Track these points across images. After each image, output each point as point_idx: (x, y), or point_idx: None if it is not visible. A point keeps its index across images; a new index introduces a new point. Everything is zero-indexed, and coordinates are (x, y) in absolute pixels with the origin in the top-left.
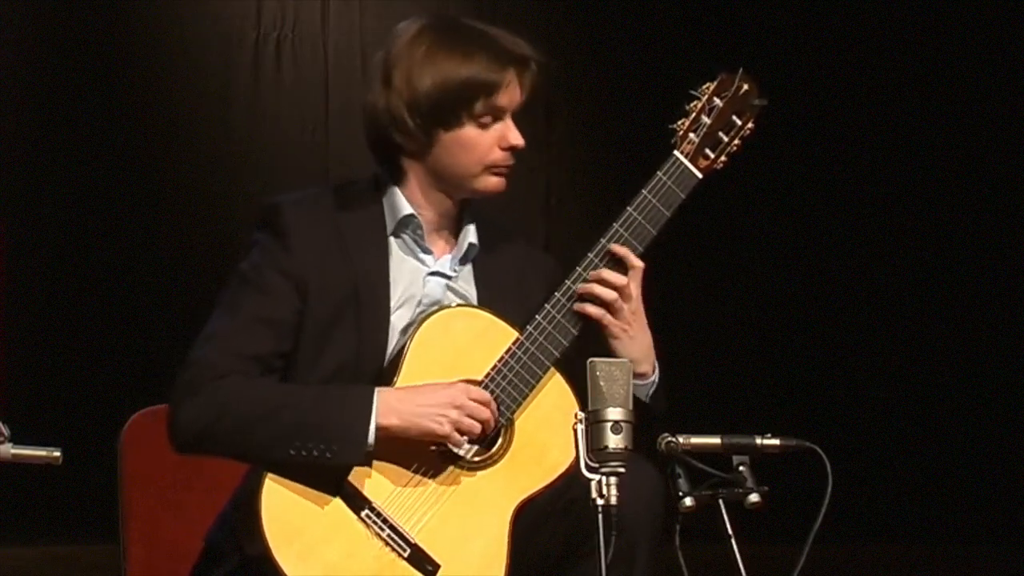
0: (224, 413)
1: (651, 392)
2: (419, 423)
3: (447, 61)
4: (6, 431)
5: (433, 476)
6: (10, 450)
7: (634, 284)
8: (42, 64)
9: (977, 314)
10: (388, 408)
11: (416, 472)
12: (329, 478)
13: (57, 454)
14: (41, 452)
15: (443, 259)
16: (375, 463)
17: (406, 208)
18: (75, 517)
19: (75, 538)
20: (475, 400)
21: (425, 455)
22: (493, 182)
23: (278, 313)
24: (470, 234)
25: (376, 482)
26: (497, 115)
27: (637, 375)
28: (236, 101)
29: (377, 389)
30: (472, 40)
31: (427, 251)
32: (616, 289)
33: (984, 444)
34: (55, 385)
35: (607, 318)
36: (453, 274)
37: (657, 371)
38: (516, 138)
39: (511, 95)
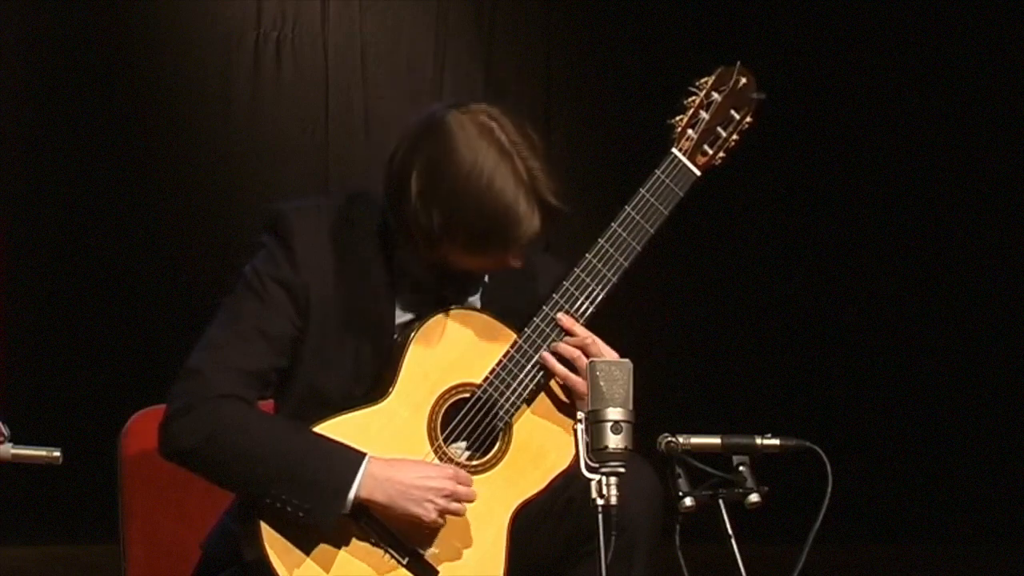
0: (213, 441)
1: None
2: (404, 505)
3: (488, 204)
4: (6, 431)
5: None
6: (10, 450)
7: (595, 346)
8: (42, 64)
9: (977, 314)
10: (374, 483)
11: None
12: None
13: (57, 454)
14: (41, 452)
15: (449, 287)
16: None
17: (408, 250)
18: (75, 517)
19: (75, 538)
20: (464, 483)
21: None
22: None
23: (277, 327)
24: (482, 278)
25: None
26: (505, 252)
27: None
28: (236, 101)
29: (368, 458)
30: (516, 183)
31: (430, 281)
32: (580, 348)
33: (984, 444)
34: (55, 385)
35: (571, 378)
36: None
37: None
38: (516, 263)
39: (527, 238)
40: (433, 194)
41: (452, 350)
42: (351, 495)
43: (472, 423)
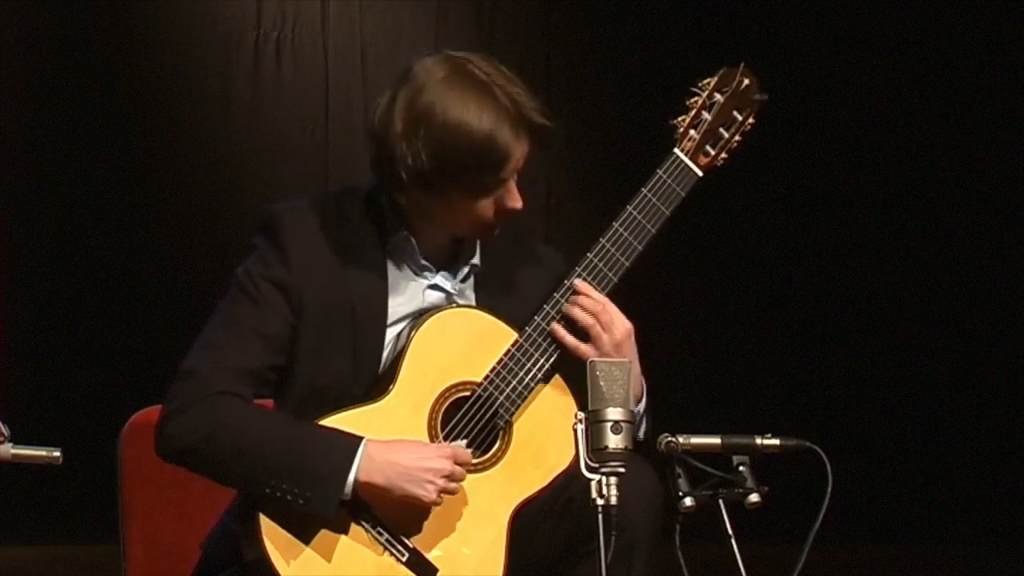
0: (210, 438)
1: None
2: (404, 486)
3: (463, 126)
4: (6, 431)
5: None
6: (10, 450)
7: (615, 316)
8: (42, 64)
9: (977, 314)
10: (372, 465)
11: None
12: None
13: (57, 454)
14: (41, 452)
15: (443, 274)
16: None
17: (402, 230)
18: (75, 517)
19: (75, 538)
20: (462, 463)
21: None
22: (483, 235)
23: (272, 327)
24: (472, 255)
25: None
26: (500, 184)
27: None
28: (236, 101)
29: (365, 441)
30: (491, 106)
31: (426, 268)
32: (593, 315)
33: (984, 444)
34: (55, 385)
35: (581, 348)
36: (453, 292)
37: (643, 403)
38: (514, 203)
39: (520, 163)
40: (418, 136)
41: (452, 349)
42: (351, 478)
43: (472, 421)
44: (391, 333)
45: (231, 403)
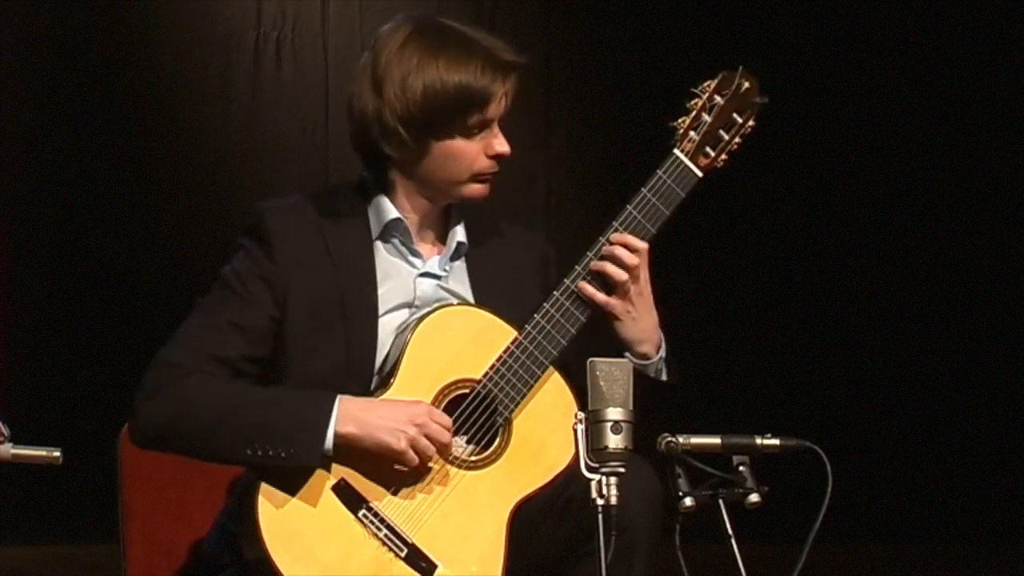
0: (184, 413)
1: (659, 369)
2: (376, 435)
3: (441, 72)
4: (6, 431)
5: (430, 476)
6: (10, 450)
7: (642, 266)
8: (42, 64)
9: (977, 314)
10: (347, 415)
11: (413, 472)
12: (323, 479)
13: (57, 454)
14: (41, 452)
15: (432, 260)
16: (373, 463)
17: (392, 212)
18: (75, 517)
19: (75, 538)
20: (437, 423)
21: None
22: (477, 189)
23: (252, 319)
24: (458, 233)
25: (373, 482)
26: (486, 124)
27: (639, 356)
28: (236, 101)
29: (340, 396)
30: (464, 49)
31: (416, 253)
32: (627, 270)
33: (984, 444)
34: (55, 385)
35: (611, 302)
36: (444, 274)
37: (663, 349)
38: (503, 146)
39: (501, 104)
40: (413, 76)
41: (452, 347)
42: (330, 429)
43: (472, 418)
44: (383, 323)
45: (202, 380)
